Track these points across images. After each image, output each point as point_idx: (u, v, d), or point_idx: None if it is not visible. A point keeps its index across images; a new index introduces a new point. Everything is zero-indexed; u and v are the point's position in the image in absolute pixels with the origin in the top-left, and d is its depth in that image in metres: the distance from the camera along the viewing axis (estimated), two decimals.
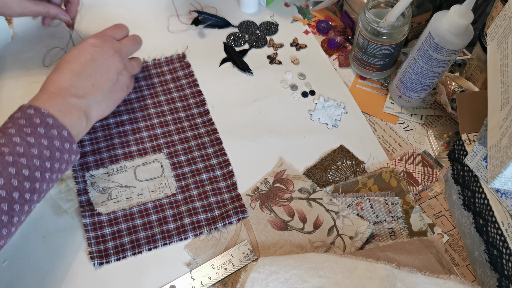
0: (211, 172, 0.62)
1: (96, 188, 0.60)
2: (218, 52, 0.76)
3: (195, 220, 0.58)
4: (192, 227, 0.58)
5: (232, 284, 0.54)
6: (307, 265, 0.51)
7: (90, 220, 0.57)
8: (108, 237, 0.57)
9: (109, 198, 0.59)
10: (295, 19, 0.81)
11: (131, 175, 0.61)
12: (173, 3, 0.81)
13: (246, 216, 0.59)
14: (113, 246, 0.56)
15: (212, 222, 0.58)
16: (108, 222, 0.58)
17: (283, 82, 0.73)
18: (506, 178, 0.45)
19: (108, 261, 0.55)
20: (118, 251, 0.56)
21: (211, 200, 0.60)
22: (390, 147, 0.67)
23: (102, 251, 0.56)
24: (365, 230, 0.57)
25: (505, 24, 0.50)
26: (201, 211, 0.59)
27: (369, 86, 0.73)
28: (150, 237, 0.57)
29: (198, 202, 0.60)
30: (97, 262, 0.55)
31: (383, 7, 0.67)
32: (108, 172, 0.61)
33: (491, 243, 0.51)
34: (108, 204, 0.59)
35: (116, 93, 0.61)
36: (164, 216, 0.58)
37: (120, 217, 0.58)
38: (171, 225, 0.58)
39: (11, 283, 0.54)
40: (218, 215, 0.59)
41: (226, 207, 0.59)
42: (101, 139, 0.64)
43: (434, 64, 0.60)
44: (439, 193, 0.63)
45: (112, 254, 0.56)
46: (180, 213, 0.59)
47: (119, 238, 0.57)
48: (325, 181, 0.63)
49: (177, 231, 0.57)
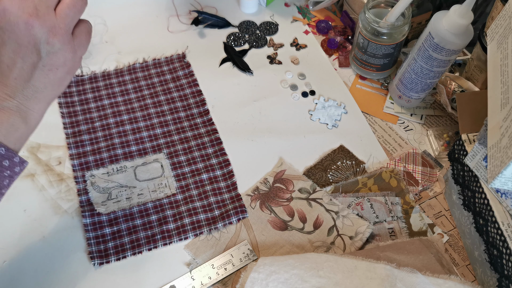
0: (211, 172, 0.62)
1: (96, 188, 0.60)
2: (218, 52, 0.76)
3: (195, 220, 0.58)
4: (192, 227, 0.58)
5: (232, 284, 0.54)
6: (307, 265, 0.51)
7: (90, 220, 0.57)
8: (108, 237, 0.56)
9: (109, 198, 0.59)
10: (295, 19, 0.81)
11: (131, 175, 0.61)
12: (173, 3, 0.81)
13: (246, 216, 0.59)
14: (113, 246, 0.56)
15: (212, 222, 0.58)
16: (108, 222, 0.58)
17: (283, 82, 0.73)
18: (506, 178, 0.45)
19: (108, 261, 0.55)
20: (118, 251, 0.56)
21: (211, 200, 0.60)
22: (390, 147, 0.67)
23: (102, 251, 0.56)
24: (365, 230, 0.57)
25: (505, 24, 0.50)
26: (201, 211, 0.59)
27: (369, 86, 0.73)
28: (150, 237, 0.57)
29: (198, 202, 0.60)
30: (97, 262, 0.55)
31: (383, 7, 0.67)
32: (108, 172, 0.61)
33: (491, 243, 0.51)
34: (108, 204, 0.59)
35: (53, 73, 0.43)
36: (164, 216, 0.58)
37: (120, 217, 0.58)
38: (171, 225, 0.58)
39: (11, 283, 0.54)
40: (218, 215, 0.59)
41: (226, 207, 0.59)
42: (101, 138, 0.64)
43: (434, 64, 0.60)
44: (439, 193, 0.63)
45: (112, 254, 0.56)
46: (180, 213, 0.59)
47: (119, 238, 0.57)
48: (325, 181, 0.63)
49: (177, 231, 0.57)
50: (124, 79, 0.70)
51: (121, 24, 0.77)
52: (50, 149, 0.63)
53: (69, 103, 0.67)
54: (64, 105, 0.67)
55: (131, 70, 0.72)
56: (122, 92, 0.69)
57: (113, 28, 0.76)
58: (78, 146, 0.63)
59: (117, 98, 0.68)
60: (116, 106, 0.68)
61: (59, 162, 0.62)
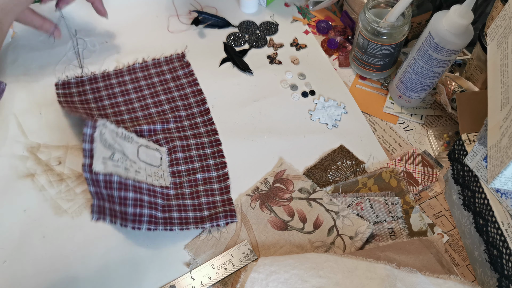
0: (207, 173, 0.62)
1: (103, 141, 0.57)
2: (218, 52, 0.76)
3: (183, 216, 0.58)
4: (179, 221, 0.57)
5: (232, 284, 0.54)
6: (307, 265, 0.51)
7: (89, 175, 0.54)
8: (104, 197, 0.55)
9: (111, 157, 0.56)
10: (295, 19, 0.81)
11: (134, 150, 0.60)
12: (173, 3, 0.81)
13: (235, 221, 0.59)
14: (109, 208, 0.55)
15: (200, 222, 0.58)
16: (103, 183, 0.55)
17: (283, 82, 0.73)
18: (506, 178, 0.45)
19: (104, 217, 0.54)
20: (111, 216, 0.55)
21: (202, 201, 0.60)
22: (390, 147, 0.67)
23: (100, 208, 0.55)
24: (365, 230, 0.57)
25: (505, 24, 0.50)
26: (190, 209, 0.59)
27: (369, 86, 0.73)
28: (137, 215, 0.55)
29: (189, 201, 0.60)
30: (95, 216, 0.54)
31: (383, 7, 0.67)
32: (117, 132, 0.59)
33: (491, 243, 0.51)
34: (108, 164, 0.56)
35: None
36: (155, 203, 0.58)
37: (115, 183, 0.55)
38: (159, 214, 0.57)
39: (11, 283, 0.54)
40: (207, 215, 0.59)
41: (216, 209, 0.59)
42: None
43: (434, 64, 0.60)
44: (439, 193, 0.63)
45: (106, 214, 0.54)
46: (170, 206, 0.58)
47: (112, 203, 0.55)
48: (325, 181, 0.63)
49: (164, 221, 0.57)
50: (124, 79, 0.70)
51: (121, 24, 0.77)
52: (50, 149, 0.63)
53: (69, 103, 0.67)
54: (65, 105, 0.67)
55: (131, 70, 0.71)
56: (123, 92, 0.69)
57: (113, 28, 0.76)
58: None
59: (117, 98, 0.68)
60: (116, 106, 0.68)
61: (59, 162, 0.62)
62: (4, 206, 0.58)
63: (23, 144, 0.63)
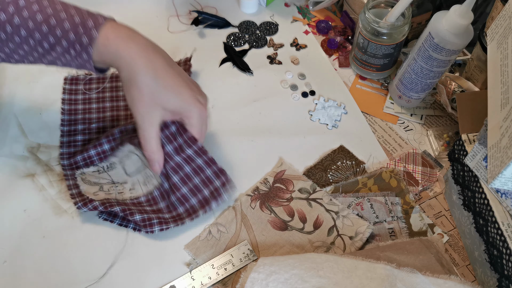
0: (191, 162, 0.60)
1: (88, 182, 0.59)
2: (218, 52, 0.76)
3: (188, 206, 0.58)
4: (187, 214, 0.57)
5: (232, 284, 0.54)
6: (307, 265, 0.51)
7: (85, 209, 0.56)
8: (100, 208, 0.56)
9: (100, 189, 0.58)
10: (295, 19, 0.81)
11: (121, 171, 0.60)
12: (173, 3, 0.81)
13: (234, 186, 0.59)
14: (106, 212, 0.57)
15: (206, 204, 0.58)
16: (101, 205, 0.56)
17: (283, 82, 0.73)
18: (506, 178, 0.45)
19: (95, 207, 0.55)
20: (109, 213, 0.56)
21: (196, 181, 0.59)
22: (390, 147, 0.67)
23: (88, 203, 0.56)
24: (365, 230, 0.57)
25: (505, 24, 0.50)
26: (190, 195, 0.58)
27: (369, 86, 0.73)
28: (146, 220, 0.56)
29: (184, 187, 0.59)
30: (81, 205, 0.55)
31: (383, 7, 0.67)
32: (99, 170, 0.61)
33: (491, 243, 0.51)
34: (100, 194, 0.58)
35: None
36: (158, 209, 0.58)
37: (114, 202, 0.57)
38: (166, 215, 0.57)
39: (11, 283, 0.54)
40: (209, 194, 0.58)
41: (213, 184, 0.59)
42: (94, 136, 0.64)
43: (434, 64, 0.60)
44: (439, 193, 0.63)
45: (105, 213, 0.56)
46: (173, 204, 0.58)
47: (110, 207, 0.56)
48: (325, 181, 0.63)
49: (173, 219, 0.57)
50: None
51: None
52: (50, 149, 0.63)
53: (72, 100, 0.67)
54: (67, 102, 0.67)
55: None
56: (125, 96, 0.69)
57: None
58: (71, 146, 0.63)
59: (119, 102, 0.68)
60: (116, 110, 0.67)
61: (59, 162, 0.62)
62: (4, 206, 0.58)
63: (23, 144, 0.63)
